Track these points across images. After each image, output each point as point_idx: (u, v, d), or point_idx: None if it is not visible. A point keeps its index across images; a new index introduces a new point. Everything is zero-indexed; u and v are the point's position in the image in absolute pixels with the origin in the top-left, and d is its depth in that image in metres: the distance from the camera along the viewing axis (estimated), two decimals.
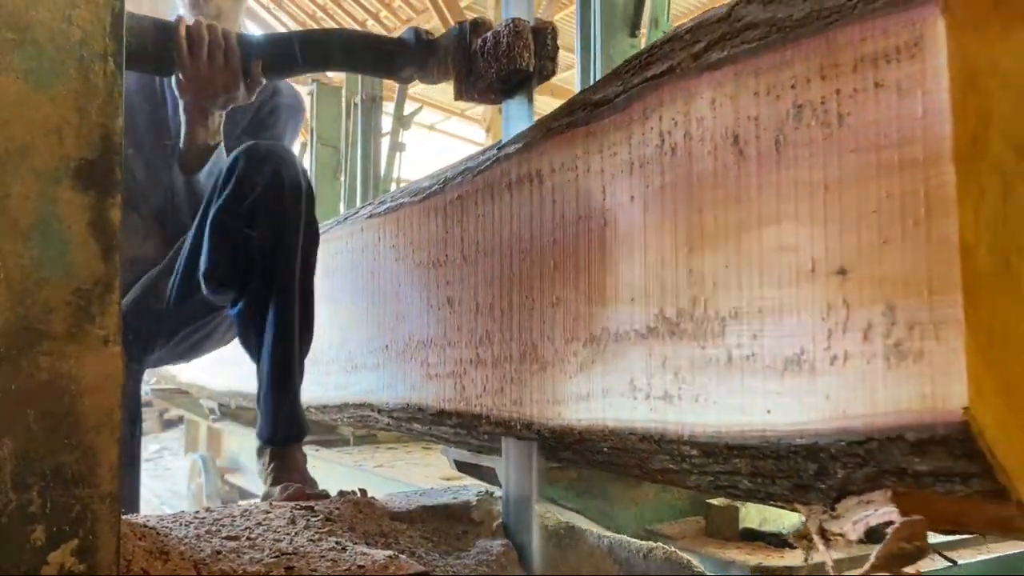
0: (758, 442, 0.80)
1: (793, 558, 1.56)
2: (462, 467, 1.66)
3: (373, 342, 1.61)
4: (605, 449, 1.05)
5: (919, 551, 0.68)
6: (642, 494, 1.71)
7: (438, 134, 14.44)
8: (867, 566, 0.68)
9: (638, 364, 0.95)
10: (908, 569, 0.69)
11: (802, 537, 0.82)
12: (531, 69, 1.25)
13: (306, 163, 5.37)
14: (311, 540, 1.11)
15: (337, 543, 1.10)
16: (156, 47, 1.34)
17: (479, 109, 13.15)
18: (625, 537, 1.32)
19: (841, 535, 0.75)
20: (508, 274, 1.19)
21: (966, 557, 1.68)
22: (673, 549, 1.32)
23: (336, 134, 4.77)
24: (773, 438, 0.79)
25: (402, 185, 2.41)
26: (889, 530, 0.67)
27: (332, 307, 1.79)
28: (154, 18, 1.38)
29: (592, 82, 1.24)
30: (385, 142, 5.02)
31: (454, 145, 13.63)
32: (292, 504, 1.27)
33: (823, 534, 0.76)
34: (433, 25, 10.99)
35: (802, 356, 0.76)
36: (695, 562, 1.26)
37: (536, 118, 1.26)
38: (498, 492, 1.41)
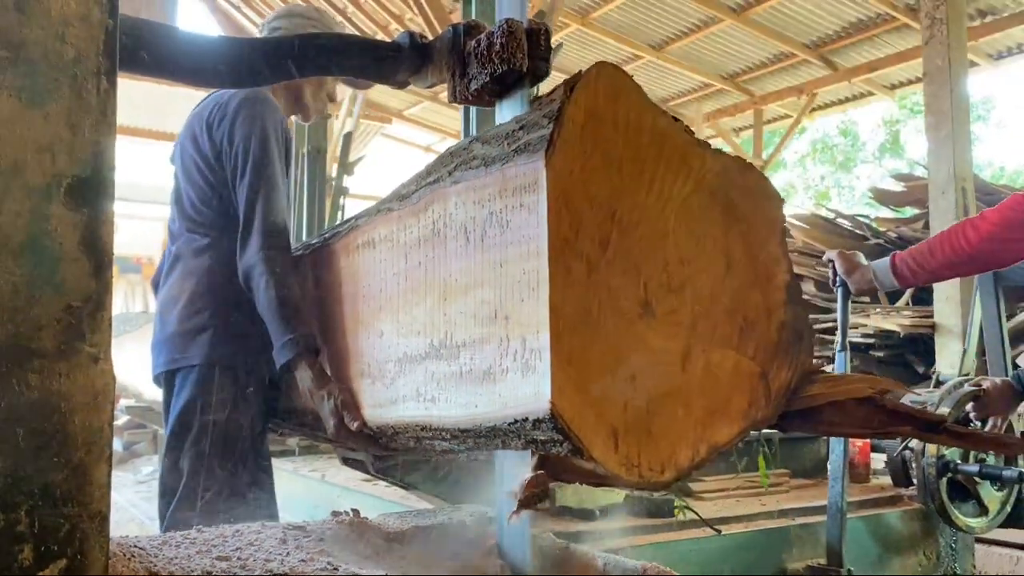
0: (471, 427, 1.23)
1: (585, 526, 2.10)
2: (346, 461, 2.05)
3: None
4: (409, 439, 1.46)
5: (544, 493, 1.15)
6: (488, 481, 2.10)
7: (434, 155, 14.48)
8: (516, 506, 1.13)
9: (420, 377, 1.36)
10: (540, 505, 1.17)
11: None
12: (524, 70, 1.25)
13: None
14: (302, 560, 1.11)
15: (329, 563, 1.09)
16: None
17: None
18: (619, 557, 1.32)
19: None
20: (357, 312, 1.60)
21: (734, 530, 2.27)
22: (668, 569, 1.32)
23: (288, 179, 5.46)
24: (479, 423, 1.21)
25: None
26: (526, 481, 1.15)
27: None
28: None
29: None
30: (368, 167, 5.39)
31: None
32: (284, 524, 1.26)
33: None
34: (394, 28, 11.05)
35: (490, 370, 1.19)
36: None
37: None
38: (492, 513, 1.41)
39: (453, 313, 1.27)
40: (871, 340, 6.49)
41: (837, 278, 2.43)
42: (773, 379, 1.29)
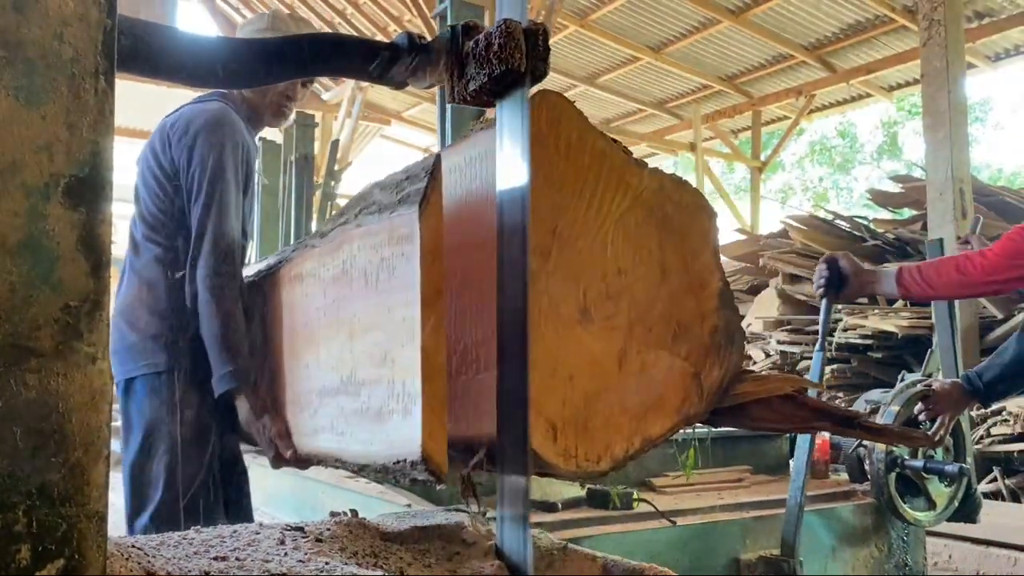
0: (368, 463, 1.31)
1: (547, 517, 2.19)
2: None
3: None
4: (327, 469, 1.57)
5: (483, 463, 1.25)
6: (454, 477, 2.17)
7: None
8: (470, 466, 1.24)
9: (333, 411, 1.43)
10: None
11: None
12: (523, 70, 1.25)
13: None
14: (300, 561, 1.10)
15: (327, 564, 1.09)
16: None
17: None
18: (619, 558, 1.32)
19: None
20: (291, 344, 1.68)
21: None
22: (667, 570, 1.32)
23: (276, 185, 5.86)
24: (374, 460, 1.28)
25: None
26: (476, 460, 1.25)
27: None
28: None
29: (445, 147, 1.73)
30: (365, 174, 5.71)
31: None
32: (281, 525, 1.26)
33: (463, 478, 1.27)
34: (392, 29, 11.12)
35: (381, 410, 1.24)
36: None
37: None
38: (491, 513, 1.41)
39: (357, 351, 1.34)
40: (869, 341, 6.50)
41: (828, 279, 2.48)
42: (705, 378, 1.38)
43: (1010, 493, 5.32)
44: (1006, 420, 5.49)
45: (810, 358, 7.17)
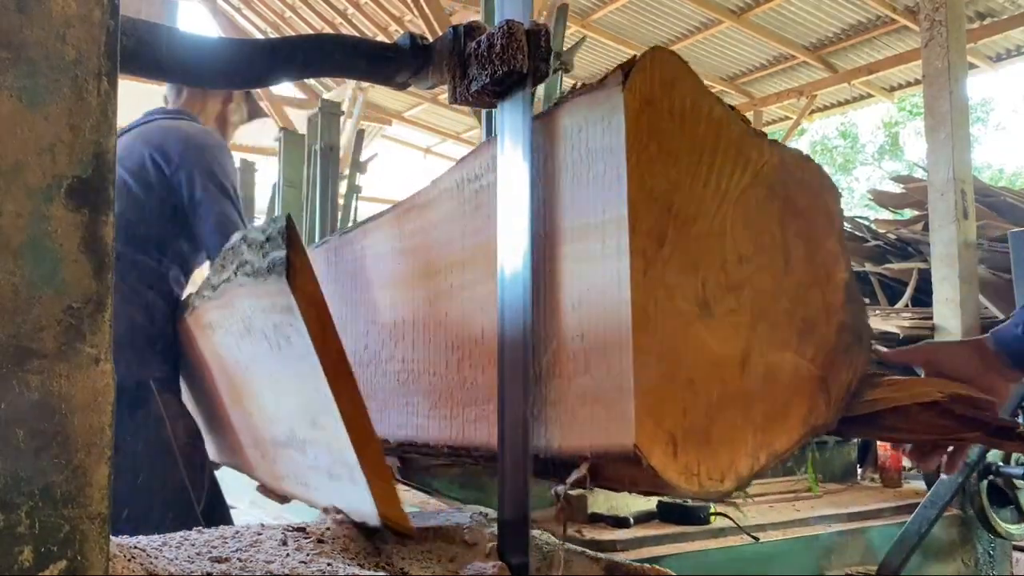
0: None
1: (621, 534, 2.08)
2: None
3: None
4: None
5: (585, 480, 1.10)
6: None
7: (433, 156, 14.51)
8: (568, 484, 1.12)
9: (291, 462, 1.38)
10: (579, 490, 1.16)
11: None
12: (525, 71, 1.25)
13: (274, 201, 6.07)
14: (302, 562, 1.11)
15: (329, 564, 1.09)
16: None
17: (474, 132, 13.25)
18: (620, 558, 1.31)
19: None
20: (227, 390, 1.61)
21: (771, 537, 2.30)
22: (669, 571, 1.31)
23: (299, 177, 5.51)
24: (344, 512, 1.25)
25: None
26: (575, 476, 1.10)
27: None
28: None
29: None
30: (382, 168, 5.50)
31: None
32: (283, 526, 1.26)
33: (559, 497, 1.15)
34: (394, 29, 11.12)
35: (331, 471, 1.21)
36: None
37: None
38: (492, 514, 1.41)
39: (286, 411, 1.26)
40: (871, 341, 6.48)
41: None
42: (833, 383, 1.22)
43: None
44: None
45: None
